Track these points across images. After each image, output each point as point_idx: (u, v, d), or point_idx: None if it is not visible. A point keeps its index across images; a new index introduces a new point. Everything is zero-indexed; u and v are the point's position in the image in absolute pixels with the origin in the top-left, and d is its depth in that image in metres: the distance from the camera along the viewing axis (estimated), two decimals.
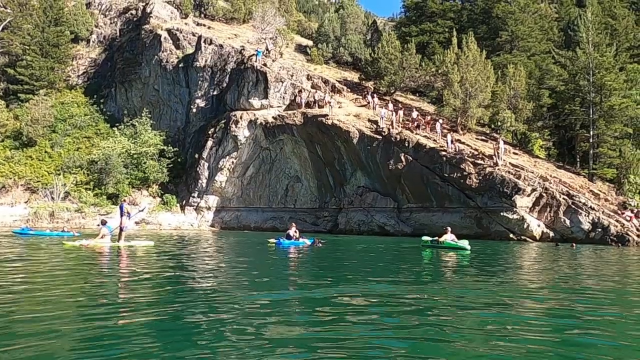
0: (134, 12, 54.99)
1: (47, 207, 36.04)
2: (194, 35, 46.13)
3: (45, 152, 41.86)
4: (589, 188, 30.60)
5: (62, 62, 49.79)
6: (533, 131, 38.33)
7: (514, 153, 33.33)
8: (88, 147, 42.84)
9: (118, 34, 54.34)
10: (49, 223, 34.59)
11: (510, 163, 29.87)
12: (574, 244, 23.64)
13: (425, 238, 20.97)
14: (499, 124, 35.74)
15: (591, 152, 33.59)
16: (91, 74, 52.10)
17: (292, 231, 20.30)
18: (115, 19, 56.10)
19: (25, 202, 37.36)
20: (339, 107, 36.66)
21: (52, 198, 37.02)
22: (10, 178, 38.46)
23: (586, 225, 26.89)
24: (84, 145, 43.20)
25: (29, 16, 49.67)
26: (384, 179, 33.26)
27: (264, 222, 37.79)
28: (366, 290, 7.80)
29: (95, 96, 48.84)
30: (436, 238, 19.80)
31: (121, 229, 17.54)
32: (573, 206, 27.39)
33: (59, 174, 38.61)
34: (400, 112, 35.24)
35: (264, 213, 38.38)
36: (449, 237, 19.26)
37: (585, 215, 27.06)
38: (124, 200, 19.63)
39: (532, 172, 29.08)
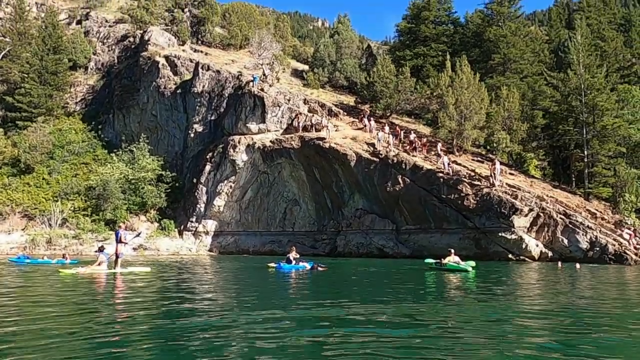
0: (131, 39, 55.75)
1: (45, 234, 35.92)
2: (191, 61, 46.74)
3: (43, 178, 41.91)
4: (585, 207, 30.79)
5: (61, 90, 50.26)
6: (528, 151, 38.72)
7: (510, 173, 33.61)
8: (86, 173, 42.94)
9: (116, 61, 54.97)
10: (46, 250, 34.43)
11: (506, 183, 30.09)
12: (579, 264, 23.57)
13: (428, 260, 21.02)
14: (495, 145, 36.09)
15: (586, 171, 33.92)
16: (89, 101, 52.52)
17: (292, 255, 20.31)
18: (113, 47, 56.82)
19: (23, 230, 37.22)
20: (336, 131, 37.00)
21: (50, 225, 36.92)
22: (8, 205, 38.41)
23: (584, 245, 26.97)
24: (82, 172, 43.31)
25: (28, 45, 50.39)
26: (381, 201, 33.38)
27: (263, 246, 37.70)
28: (371, 312, 7.85)
29: (93, 122, 49.17)
30: (440, 260, 19.87)
31: (117, 256, 17.49)
32: (570, 225, 27.51)
33: (57, 201, 38.58)
34: (402, 134, 35.70)
35: (263, 237, 38.31)
36: (452, 259, 19.29)
37: (582, 234, 27.16)
38: (120, 227, 19.61)
39: (529, 192, 29.28)
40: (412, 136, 35.69)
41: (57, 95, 49.66)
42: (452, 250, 20.23)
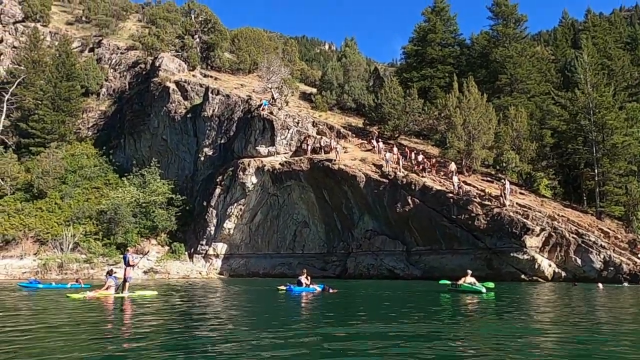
0: (142, 66, 56.88)
1: (56, 259, 36.11)
2: (201, 86, 47.53)
3: (55, 203, 42.35)
4: (597, 226, 30.46)
5: (73, 116, 51.18)
6: (538, 171, 38.55)
7: (520, 193, 33.44)
8: (97, 197, 43.36)
9: (127, 87, 56.05)
10: (58, 274, 34.58)
11: (517, 203, 29.91)
12: (601, 284, 23.10)
13: (444, 281, 20.92)
14: (504, 164, 36.01)
15: (597, 190, 33.65)
16: (101, 126, 53.40)
17: (304, 278, 20.26)
18: (125, 73, 58.00)
19: (35, 254, 37.46)
20: (345, 152, 37.19)
21: (62, 249, 37.14)
22: (21, 230, 38.76)
23: (598, 264, 26.62)
24: (94, 196, 43.74)
25: (42, 72, 51.54)
26: (391, 222, 33.28)
27: (273, 268, 37.59)
28: (384, 333, 7.81)
29: (104, 147, 49.89)
30: (455, 281, 19.78)
31: (125, 280, 17.54)
32: (583, 245, 27.21)
33: (69, 225, 38.90)
34: (412, 155, 35.77)
35: (273, 259, 38.23)
36: (468, 280, 19.15)
37: (596, 254, 26.84)
38: (128, 250, 19.64)
39: (540, 212, 29.07)
40: (421, 157, 35.74)
41: (70, 121, 50.54)
42: (470, 272, 20.05)
